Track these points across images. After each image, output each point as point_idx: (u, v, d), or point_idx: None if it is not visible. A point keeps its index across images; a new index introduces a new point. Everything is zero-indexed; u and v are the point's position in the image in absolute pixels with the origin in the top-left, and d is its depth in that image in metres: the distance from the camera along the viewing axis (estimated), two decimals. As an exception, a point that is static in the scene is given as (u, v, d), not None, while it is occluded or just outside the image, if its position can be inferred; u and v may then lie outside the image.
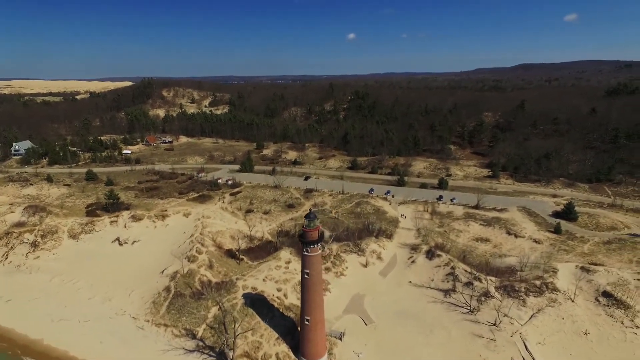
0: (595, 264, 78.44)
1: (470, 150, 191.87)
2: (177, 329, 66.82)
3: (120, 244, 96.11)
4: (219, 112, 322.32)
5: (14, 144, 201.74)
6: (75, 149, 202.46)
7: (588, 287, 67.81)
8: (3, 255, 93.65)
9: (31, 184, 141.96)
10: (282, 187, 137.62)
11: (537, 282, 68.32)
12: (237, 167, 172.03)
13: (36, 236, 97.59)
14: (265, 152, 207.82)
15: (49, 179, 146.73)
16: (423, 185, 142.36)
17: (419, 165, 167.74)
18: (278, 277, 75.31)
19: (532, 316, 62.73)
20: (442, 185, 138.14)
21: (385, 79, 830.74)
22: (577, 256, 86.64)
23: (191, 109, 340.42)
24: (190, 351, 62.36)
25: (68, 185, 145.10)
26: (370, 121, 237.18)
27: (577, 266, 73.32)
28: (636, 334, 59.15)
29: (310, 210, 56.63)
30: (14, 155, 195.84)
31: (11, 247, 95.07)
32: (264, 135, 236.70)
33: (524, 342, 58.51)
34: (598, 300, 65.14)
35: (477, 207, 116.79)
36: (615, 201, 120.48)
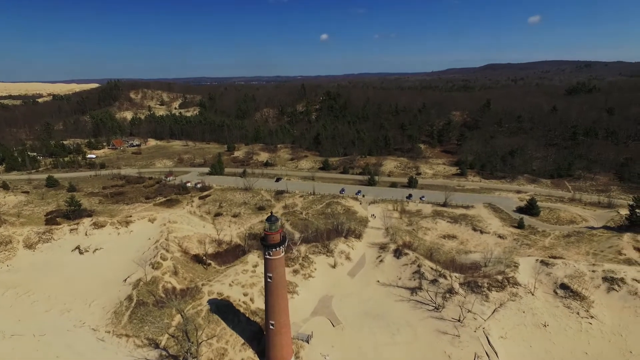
0: (555, 257, 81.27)
1: (440, 148, 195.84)
2: (139, 339, 64.41)
3: (81, 253, 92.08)
4: (189, 114, 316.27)
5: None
6: (35, 154, 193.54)
7: (547, 280, 70.00)
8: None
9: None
10: (252, 189, 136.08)
11: (499, 277, 69.99)
12: (207, 169, 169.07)
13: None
14: (236, 154, 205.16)
15: (5, 186, 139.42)
16: (393, 185, 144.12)
17: (390, 164, 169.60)
18: (245, 282, 74.01)
19: (494, 311, 64.04)
20: (411, 184, 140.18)
21: (359, 79, 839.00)
22: (538, 250, 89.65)
23: (160, 111, 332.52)
24: (153, 362, 60.29)
25: (27, 192, 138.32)
26: (342, 121, 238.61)
27: (537, 260, 75.58)
28: (591, 323, 61.43)
29: (271, 213, 55.83)
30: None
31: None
32: (235, 137, 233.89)
33: (486, 337, 59.65)
34: (556, 293, 67.32)
35: (444, 204, 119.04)
36: (575, 195, 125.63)
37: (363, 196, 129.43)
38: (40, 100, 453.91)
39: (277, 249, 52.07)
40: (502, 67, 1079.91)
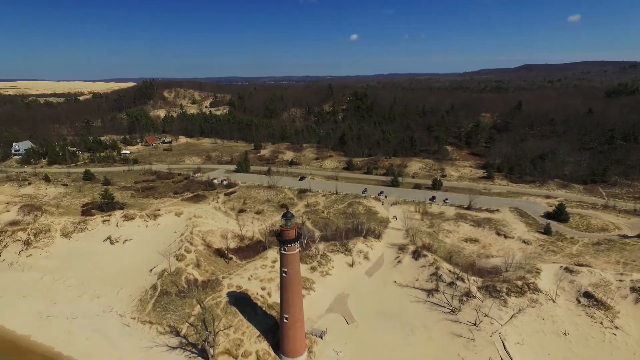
0: (581, 265, 78.51)
1: (467, 151, 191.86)
2: (161, 327, 67.70)
3: (112, 243, 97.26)
4: (219, 112, 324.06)
5: (14, 144, 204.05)
6: (74, 149, 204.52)
7: (570, 288, 67.88)
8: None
9: (29, 184, 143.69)
10: (276, 187, 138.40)
11: (519, 283, 68.50)
12: (233, 167, 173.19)
13: (29, 234, 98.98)
14: (262, 152, 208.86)
15: (47, 179, 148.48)
16: (417, 186, 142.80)
17: (415, 165, 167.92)
18: (263, 276, 76.01)
19: (512, 316, 62.86)
20: (435, 186, 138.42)
21: (388, 79, 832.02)
22: (564, 257, 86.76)
23: (192, 110, 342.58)
24: (173, 348, 63.18)
25: (65, 184, 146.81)
26: (368, 122, 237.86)
27: (560, 267, 73.35)
28: (615, 334, 59.24)
29: (286, 209, 57.28)
30: (14, 155, 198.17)
31: (4, 245, 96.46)
32: (262, 136, 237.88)
33: (502, 342, 58.75)
34: (579, 301, 65.22)
35: (469, 207, 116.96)
36: (609, 202, 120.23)
37: (385, 197, 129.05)
38: (81, 98, 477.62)
39: (292, 244, 53.49)
40: (539, 67, 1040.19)
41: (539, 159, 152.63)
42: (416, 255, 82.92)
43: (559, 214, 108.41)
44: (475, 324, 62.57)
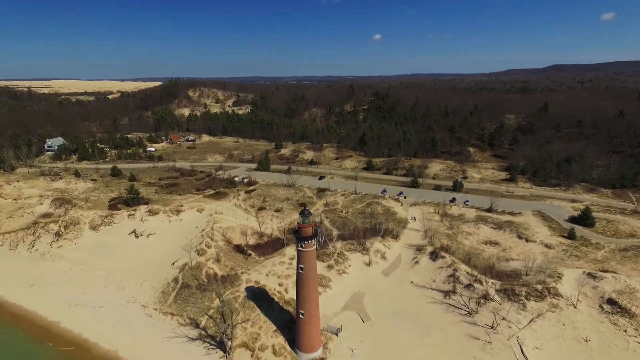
0: (606, 271, 76.30)
1: (490, 152, 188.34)
2: (182, 318, 70.01)
3: (137, 237, 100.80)
4: (241, 112, 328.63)
5: (47, 140, 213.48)
6: (103, 146, 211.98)
7: (593, 294, 66.25)
8: (30, 244, 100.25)
9: (60, 178, 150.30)
10: (296, 186, 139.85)
11: (539, 287, 67.28)
12: (254, 165, 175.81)
13: (60, 226, 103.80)
14: (283, 151, 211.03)
15: (77, 174, 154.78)
16: (437, 188, 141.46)
17: (435, 167, 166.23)
18: (281, 273, 77.32)
19: (531, 320, 61.88)
20: (456, 187, 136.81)
21: (411, 80, 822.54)
22: (588, 262, 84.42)
23: (215, 109, 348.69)
24: (193, 339, 65.28)
25: (94, 180, 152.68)
26: (389, 122, 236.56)
27: (583, 272, 71.60)
28: None
29: (304, 207, 58.24)
30: (47, 151, 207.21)
31: (37, 236, 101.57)
32: (283, 135, 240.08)
33: (520, 346, 58.00)
34: (602, 308, 63.59)
35: (490, 210, 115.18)
36: (638, 208, 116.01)
37: (405, 198, 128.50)
38: (110, 97, 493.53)
39: (309, 241, 54.38)
40: (568, 68, 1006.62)
41: (564, 162, 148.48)
42: (434, 256, 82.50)
43: (584, 219, 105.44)
44: (492, 327, 61.95)
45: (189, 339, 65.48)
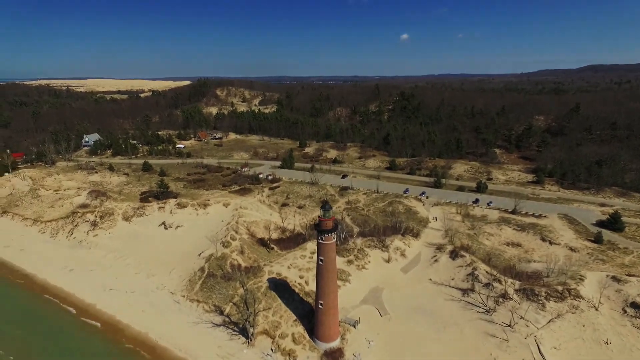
0: (632, 276, 74.64)
1: (517, 154, 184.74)
2: (207, 305, 73.72)
3: (166, 228, 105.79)
4: (267, 111, 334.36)
5: (84, 136, 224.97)
6: (135, 142, 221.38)
7: (616, 297, 65.32)
8: (69, 232, 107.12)
9: (96, 172, 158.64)
10: (318, 184, 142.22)
11: (560, 288, 66.87)
12: (278, 163, 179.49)
13: (96, 217, 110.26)
14: (307, 150, 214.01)
15: (111, 168, 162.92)
16: (460, 188, 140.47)
17: (460, 168, 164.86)
18: (302, 266, 79.84)
19: (550, 321, 61.83)
20: (480, 188, 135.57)
21: (438, 80, 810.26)
22: (614, 267, 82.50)
23: (242, 108, 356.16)
24: (217, 325, 68.76)
25: (127, 174, 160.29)
26: (414, 122, 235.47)
27: (607, 275, 70.52)
28: (663, 347, 56.55)
29: (325, 201, 60.37)
30: (84, 146, 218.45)
31: (75, 225, 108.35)
32: (307, 134, 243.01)
33: (537, 345, 58.17)
34: (625, 311, 62.70)
35: (514, 211, 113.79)
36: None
37: (427, 197, 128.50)
38: (142, 95, 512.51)
39: (330, 234, 56.57)
40: (606, 68, 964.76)
41: (595, 165, 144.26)
42: (454, 255, 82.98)
43: (613, 223, 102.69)
44: (510, 325, 62.25)
45: (213, 324, 68.99)
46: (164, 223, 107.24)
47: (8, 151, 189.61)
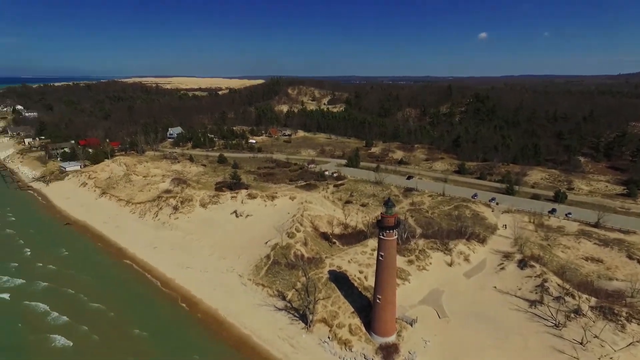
0: None
1: (606, 164, 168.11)
2: (271, 290, 78.67)
3: (237, 216, 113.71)
4: (335, 110, 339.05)
5: (169, 129, 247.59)
6: (212, 136, 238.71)
7: None
8: (154, 214, 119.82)
9: (178, 162, 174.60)
10: (383, 183, 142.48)
11: (644, 310, 61.02)
12: (344, 162, 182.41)
13: (177, 202, 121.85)
14: (373, 150, 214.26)
15: (191, 159, 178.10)
16: (535, 197, 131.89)
17: (536, 175, 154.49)
18: (362, 261, 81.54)
19: (630, 344, 56.84)
20: (558, 198, 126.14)
21: (519, 81, 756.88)
22: None
23: (311, 106, 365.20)
24: (279, 309, 73.22)
25: (204, 165, 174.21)
26: (487, 125, 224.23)
27: None
28: None
29: (388, 198, 61.47)
30: (169, 138, 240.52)
31: (160, 208, 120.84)
32: (374, 134, 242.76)
33: (612, 368, 54.01)
34: None
35: (596, 225, 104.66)
36: None
37: (497, 204, 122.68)
38: (220, 92, 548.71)
39: (391, 231, 57.71)
40: None
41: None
42: (522, 264, 79.12)
43: None
44: (581, 343, 58.38)
45: (276, 308, 73.59)
46: (235, 211, 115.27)
47: (107, 140, 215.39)
